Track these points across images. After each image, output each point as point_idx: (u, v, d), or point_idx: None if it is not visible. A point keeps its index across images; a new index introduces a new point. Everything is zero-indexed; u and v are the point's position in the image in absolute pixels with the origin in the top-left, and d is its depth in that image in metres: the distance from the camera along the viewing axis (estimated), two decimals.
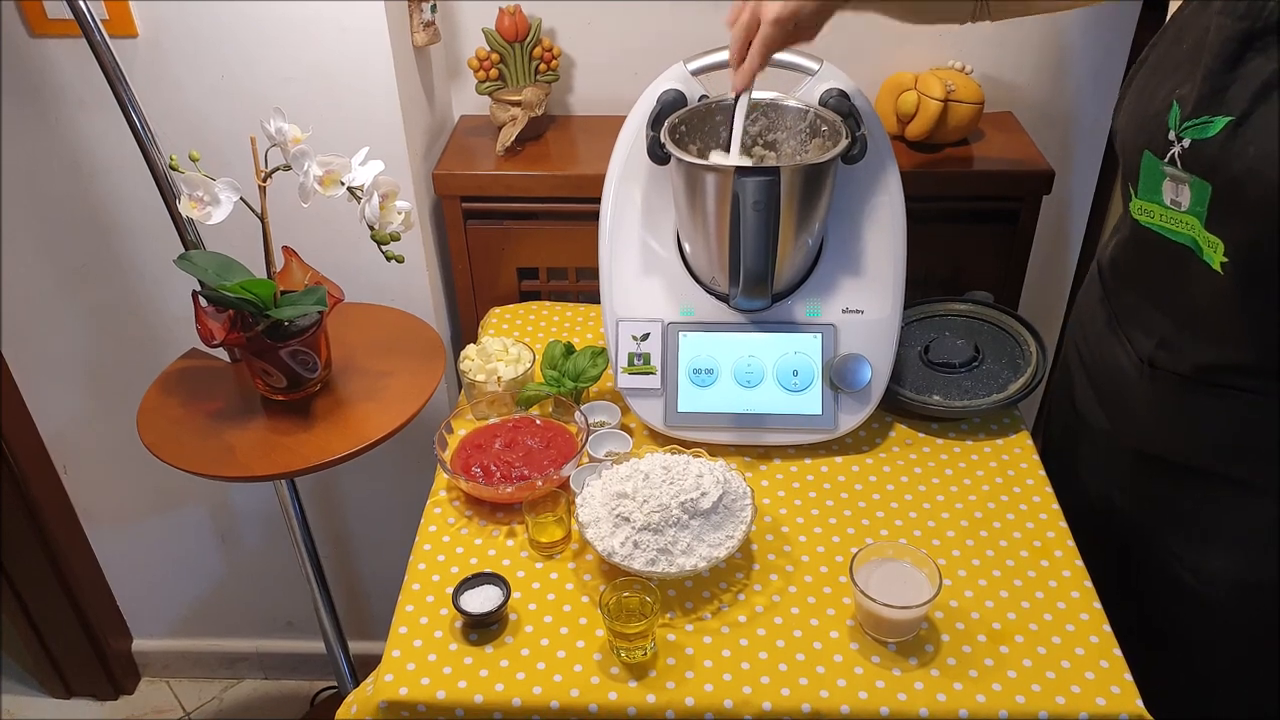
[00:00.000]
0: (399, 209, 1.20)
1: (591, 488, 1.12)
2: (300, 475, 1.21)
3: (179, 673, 2.15)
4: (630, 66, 1.57)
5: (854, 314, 1.25)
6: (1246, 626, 1.11)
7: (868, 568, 1.03)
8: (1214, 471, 1.08)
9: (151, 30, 1.34)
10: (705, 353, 1.25)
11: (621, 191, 1.28)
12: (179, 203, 1.15)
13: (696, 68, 1.26)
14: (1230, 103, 0.90)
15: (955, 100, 1.47)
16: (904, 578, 1.02)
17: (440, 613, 1.06)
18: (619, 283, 1.28)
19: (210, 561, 1.97)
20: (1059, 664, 0.99)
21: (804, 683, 0.98)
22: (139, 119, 1.21)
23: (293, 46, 1.35)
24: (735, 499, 1.10)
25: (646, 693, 0.97)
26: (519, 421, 1.26)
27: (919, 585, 1.01)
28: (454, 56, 1.60)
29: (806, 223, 1.20)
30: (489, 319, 1.55)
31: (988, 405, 1.27)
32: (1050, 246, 1.76)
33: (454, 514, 1.19)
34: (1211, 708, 1.18)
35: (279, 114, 1.14)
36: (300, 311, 1.21)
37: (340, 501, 1.86)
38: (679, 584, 1.08)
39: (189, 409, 1.30)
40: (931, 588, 0.99)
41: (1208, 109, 0.92)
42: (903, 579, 1.02)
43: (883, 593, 0.99)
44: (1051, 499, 1.19)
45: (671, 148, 1.16)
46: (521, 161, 1.52)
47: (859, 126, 1.19)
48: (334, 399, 1.30)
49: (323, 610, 1.60)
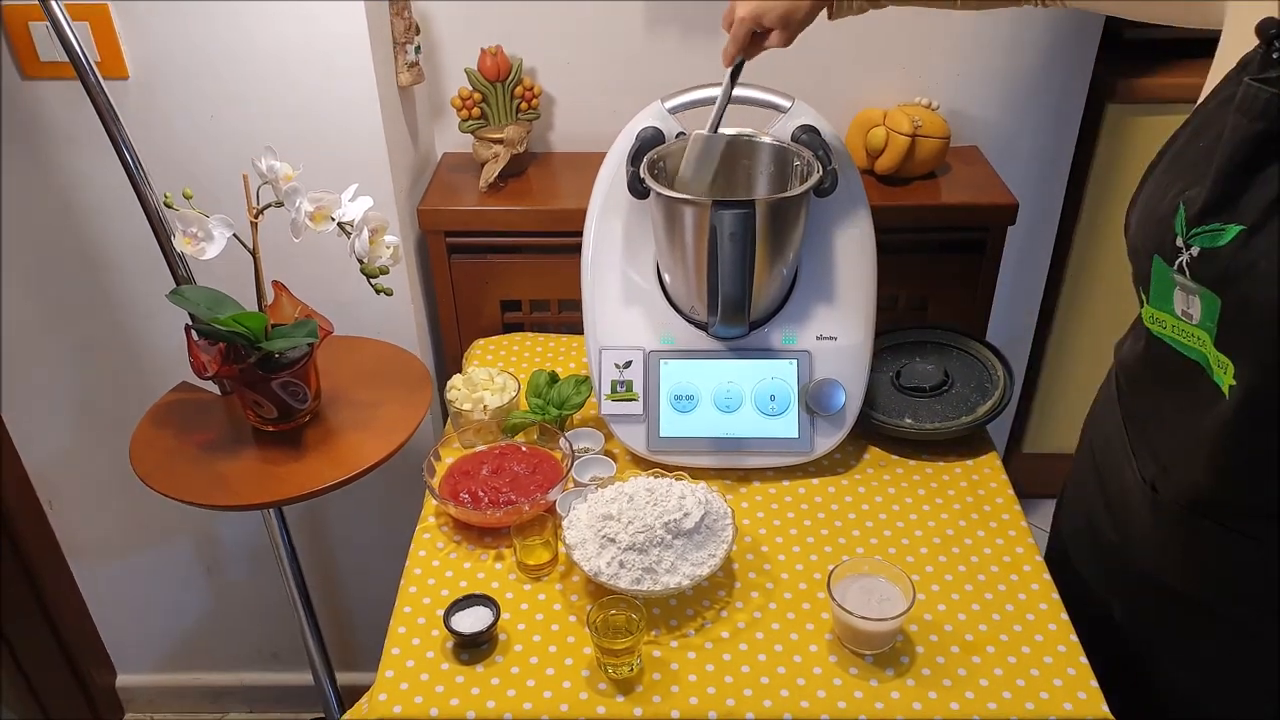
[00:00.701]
0: (388, 243, 1.24)
1: (578, 511, 1.16)
2: (292, 503, 1.24)
3: (163, 708, 2.15)
4: (609, 105, 1.62)
5: (828, 341, 1.30)
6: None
7: (845, 583, 1.06)
8: (1214, 608, 1.01)
9: (142, 72, 1.38)
10: (686, 379, 1.29)
11: (603, 225, 1.32)
12: (174, 239, 1.18)
13: (674, 105, 1.31)
14: (1243, 211, 0.82)
15: (922, 135, 1.53)
16: (880, 592, 1.06)
17: (432, 634, 1.09)
18: (601, 313, 1.32)
19: (195, 595, 1.98)
20: (1028, 672, 1.03)
21: (785, 694, 1.02)
22: (132, 158, 1.24)
23: (281, 87, 1.39)
24: (717, 519, 1.14)
25: (633, 706, 1.01)
26: (505, 449, 1.30)
27: (894, 599, 1.05)
28: (437, 96, 1.64)
29: (781, 253, 1.24)
30: (473, 350, 1.58)
31: (957, 428, 1.32)
32: (1016, 275, 1.82)
33: (443, 539, 1.22)
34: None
35: (271, 152, 1.17)
36: (291, 344, 1.24)
37: (327, 532, 1.88)
38: (663, 602, 1.12)
39: (181, 440, 1.32)
40: (906, 601, 1.03)
41: (1217, 215, 0.83)
42: (878, 593, 1.06)
43: (859, 606, 1.03)
44: (1020, 516, 1.24)
45: (651, 182, 1.21)
46: (504, 197, 1.56)
47: (830, 161, 1.24)
48: (324, 429, 1.32)
49: (310, 640, 1.61)
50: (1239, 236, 0.82)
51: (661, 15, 1.56)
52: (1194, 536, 0.99)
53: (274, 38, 1.35)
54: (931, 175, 1.60)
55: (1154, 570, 1.05)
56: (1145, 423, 1.03)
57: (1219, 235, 0.83)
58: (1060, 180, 1.76)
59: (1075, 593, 1.16)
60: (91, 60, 1.20)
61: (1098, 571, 1.17)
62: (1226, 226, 0.82)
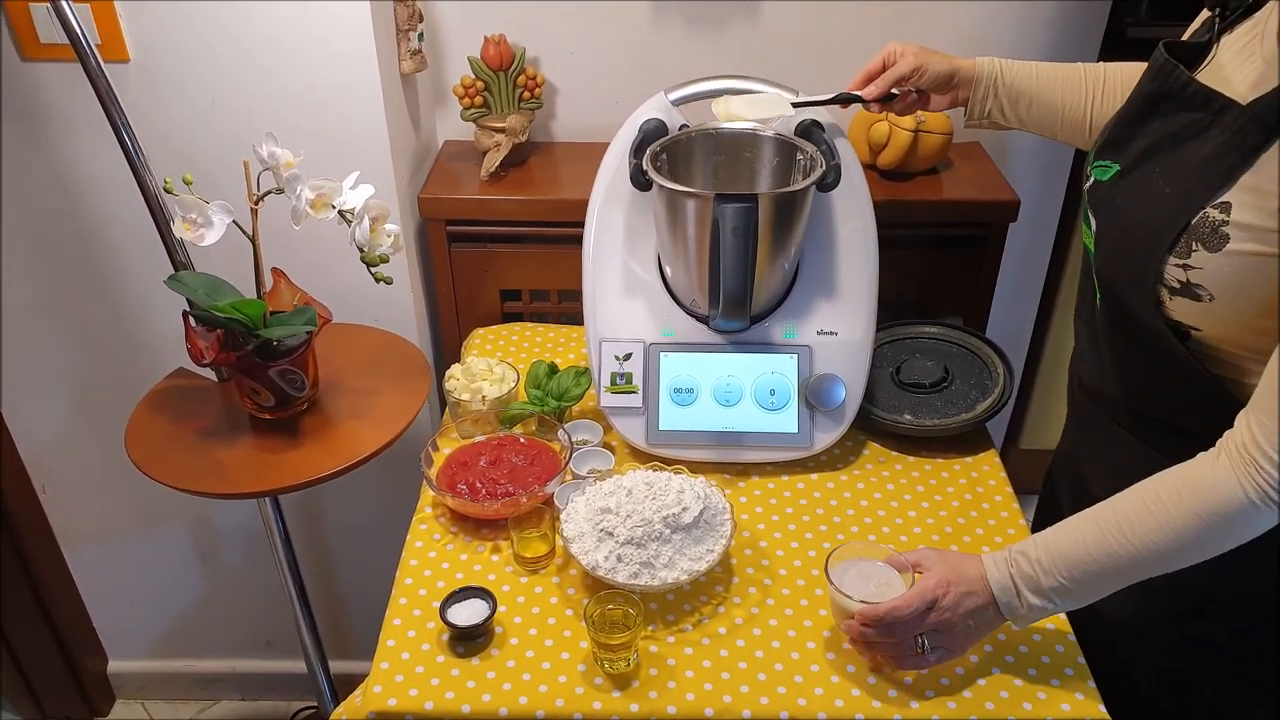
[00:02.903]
0: (388, 232, 1.23)
1: (575, 504, 1.15)
2: (288, 492, 1.23)
3: (155, 694, 2.14)
4: (612, 95, 1.62)
5: (829, 336, 1.30)
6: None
7: (843, 566, 1.06)
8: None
9: (143, 55, 1.37)
10: (686, 372, 1.29)
11: (604, 216, 1.32)
12: (173, 224, 1.17)
13: (677, 98, 1.30)
14: (1126, 154, 0.98)
15: (925, 131, 1.52)
16: (878, 576, 1.05)
17: (427, 626, 1.09)
18: (602, 305, 1.31)
19: (189, 581, 1.97)
20: (1025, 673, 1.03)
21: (782, 691, 1.01)
22: (131, 142, 1.23)
23: (282, 72, 1.38)
24: (715, 514, 1.13)
25: (630, 702, 1.00)
26: (503, 440, 1.29)
27: (893, 583, 1.04)
28: (440, 83, 1.63)
29: (783, 248, 1.24)
30: (472, 340, 1.58)
31: (957, 425, 1.32)
32: (1017, 272, 1.82)
33: (440, 530, 1.21)
34: None
35: (272, 139, 1.16)
36: (290, 331, 1.23)
37: (322, 520, 1.87)
38: (661, 597, 1.12)
39: (177, 427, 1.31)
40: (904, 585, 1.03)
41: (1110, 153, 1.01)
42: (877, 577, 1.05)
43: (857, 591, 1.02)
44: (1019, 514, 1.23)
45: (653, 174, 1.20)
46: (505, 186, 1.55)
47: (833, 156, 1.24)
48: (321, 417, 1.32)
49: (304, 628, 1.61)
50: (1115, 175, 0.99)
51: (666, 6, 1.55)
52: (1114, 446, 1.09)
53: (276, 24, 1.34)
54: (934, 171, 1.60)
55: (1094, 487, 1.13)
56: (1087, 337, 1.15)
57: (1106, 170, 1.01)
58: (1061, 177, 1.75)
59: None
60: (92, 43, 1.19)
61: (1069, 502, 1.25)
62: (1112, 164, 1.00)
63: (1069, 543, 0.93)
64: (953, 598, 0.97)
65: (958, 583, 0.97)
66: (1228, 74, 0.92)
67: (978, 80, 1.21)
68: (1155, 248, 0.91)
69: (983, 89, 1.21)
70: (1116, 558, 0.90)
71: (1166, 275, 0.91)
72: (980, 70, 1.21)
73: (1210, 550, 0.88)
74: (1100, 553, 0.91)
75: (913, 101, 1.24)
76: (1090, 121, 1.19)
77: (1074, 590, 0.93)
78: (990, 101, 1.22)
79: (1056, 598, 0.94)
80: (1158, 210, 0.92)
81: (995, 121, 1.24)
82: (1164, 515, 0.88)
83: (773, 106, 1.27)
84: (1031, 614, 0.96)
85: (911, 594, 0.98)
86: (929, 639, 0.98)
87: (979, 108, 1.22)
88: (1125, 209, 0.97)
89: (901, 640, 0.98)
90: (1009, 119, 1.23)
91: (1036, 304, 1.92)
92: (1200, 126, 0.91)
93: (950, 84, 1.21)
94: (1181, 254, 0.89)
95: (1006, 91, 1.21)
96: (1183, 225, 0.89)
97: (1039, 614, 0.96)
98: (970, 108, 1.23)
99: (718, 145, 1.32)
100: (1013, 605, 0.96)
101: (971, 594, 0.97)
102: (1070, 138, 1.23)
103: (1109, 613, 1.03)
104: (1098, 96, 1.18)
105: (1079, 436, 1.20)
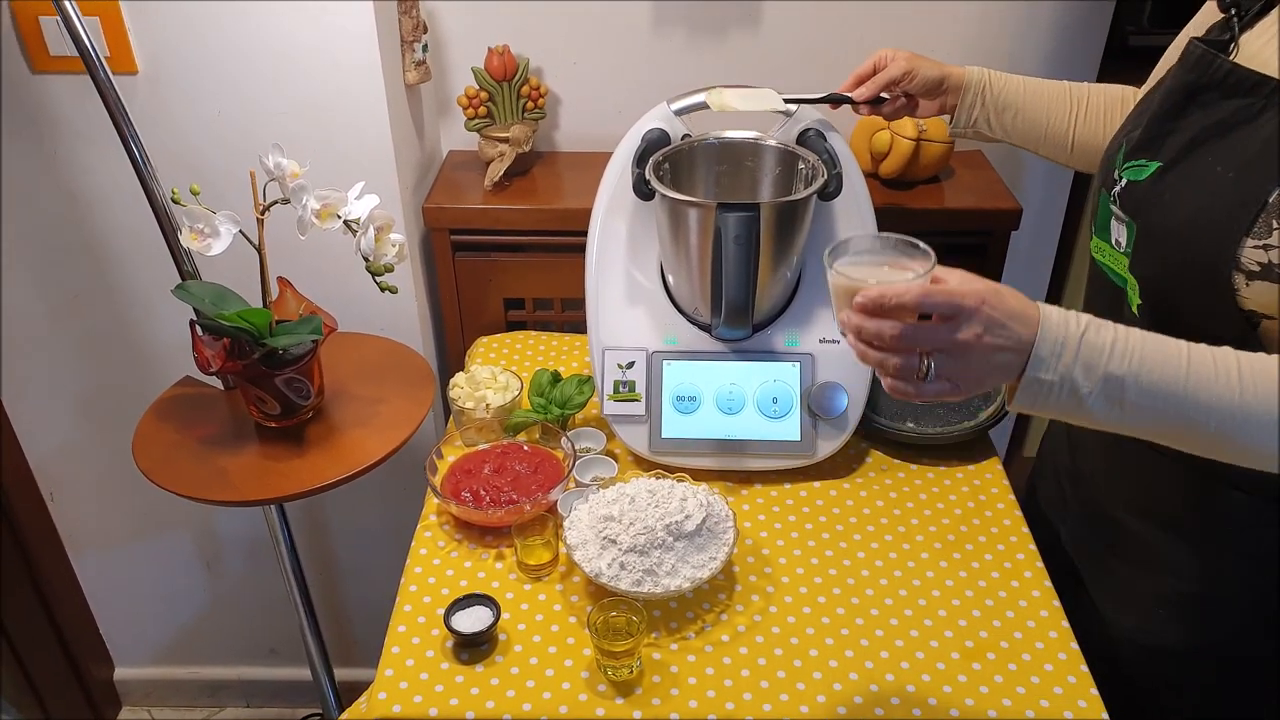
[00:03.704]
0: (393, 241, 1.24)
1: (579, 511, 1.16)
2: (293, 500, 1.24)
3: (160, 701, 2.15)
4: (615, 105, 1.63)
5: (831, 344, 1.30)
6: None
7: (846, 260, 0.88)
8: (1125, 521, 1.10)
9: (150, 67, 1.38)
10: (688, 381, 1.29)
11: (607, 225, 1.33)
12: (180, 234, 1.18)
13: (679, 108, 1.31)
14: (1165, 150, 0.95)
15: (927, 139, 1.53)
16: (895, 267, 0.87)
17: (432, 633, 1.09)
18: (605, 313, 1.32)
19: (194, 589, 1.98)
20: (1029, 679, 1.03)
21: (784, 699, 1.02)
22: (140, 153, 1.24)
23: (287, 83, 1.39)
24: (718, 522, 1.14)
25: (633, 709, 1.01)
26: (507, 447, 1.30)
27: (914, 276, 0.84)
28: (444, 94, 1.65)
29: (785, 256, 1.25)
30: (476, 348, 1.58)
31: (959, 432, 1.32)
32: (1019, 280, 1.82)
33: (444, 537, 1.22)
34: None
35: (278, 149, 1.17)
36: (295, 340, 1.24)
37: (327, 528, 1.88)
38: (664, 604, 1.12)
39: (183, 435, 1.32)
40: (928, 263, 0.83)
41: (1144, 152, 0.97)
42: (892, 267, 0.87)
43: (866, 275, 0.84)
44: (1021, 522, 1.24)
45: (656, 184, 1.21)
46: (509, 196, 1.56)
47: (835, 164, 1.25)
48: (326, 425, 1.33)
49: (309, 636, 1.62)
50: (1156, 172, 0.95)
51: (668, 17, 1.56)
52: (1115, 451, 1.08)
53: (282, 35, 1.35)
54: (935, 179, 1.60)
55: (1091, 490, 1.14)
56: None
57: (1142, 170, 0.96)
58: (1064, 186, 1.76)
59: (1038, 520, 1.26)
60: (101, 55, 1.20)
61: (1051, 494, 1.26)
62: (1149, 163, 0.96)
63: (1158, 346, 0.81)
64: (984, 319, 0.80)
65: (996, 306, 0.80)
66: (1264, 61, 0.90)
67: (966, 88, 1.22)
68: (1230, 232, 0.87)
69: (970, 97, 1.23)
70: (1198, 391, 0.79)
71: (1243, 259, 0.86)
72: (969, 79, 1.22)
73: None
74: (1187, 376, 0.80)
75: (901, 106, 1.26)
76: (1073, 138, 1.20)
77: (1126, 396, 0.80)
78: (977, 110, 1.23)
79: (1100, 390, 0.80)
80: (1221, 196, 0.88)
81: (980, 131, 1.26)
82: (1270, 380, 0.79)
83: (764, 100, 1.29)
84: (1057, 387, 0.81)
85: (939, 290, 0.81)
86: (936, 363, 0.81)
87: (965, 115, 1.24)
88: (1177, 202, 0.92)
89: (905, 351, 0.82)
90: (994, 129, 1.24)
91: None
92: (1252, 111, 0.89)
93: (939, 89, 1.23)
94: (1260, 234, 0.85)
95: (994, 102, 1.22)
96: (1260, 205, 0.85)
97: (1060, 395, 0.81)
98: (956, 116, 1.25)
99: (720, 155, 1.32)
100: (1048, 362, 0.80)
101: (1007, 326, 0.80)
102: (1051, 153, 1.24)
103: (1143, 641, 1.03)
104: (1081, 114, 1.20)
105: (1089, 459, 1.18)
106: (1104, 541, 1.14)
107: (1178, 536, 1.05)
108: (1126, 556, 1.11)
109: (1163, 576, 1.06)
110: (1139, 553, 1.09)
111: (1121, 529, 1.10)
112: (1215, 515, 1.01)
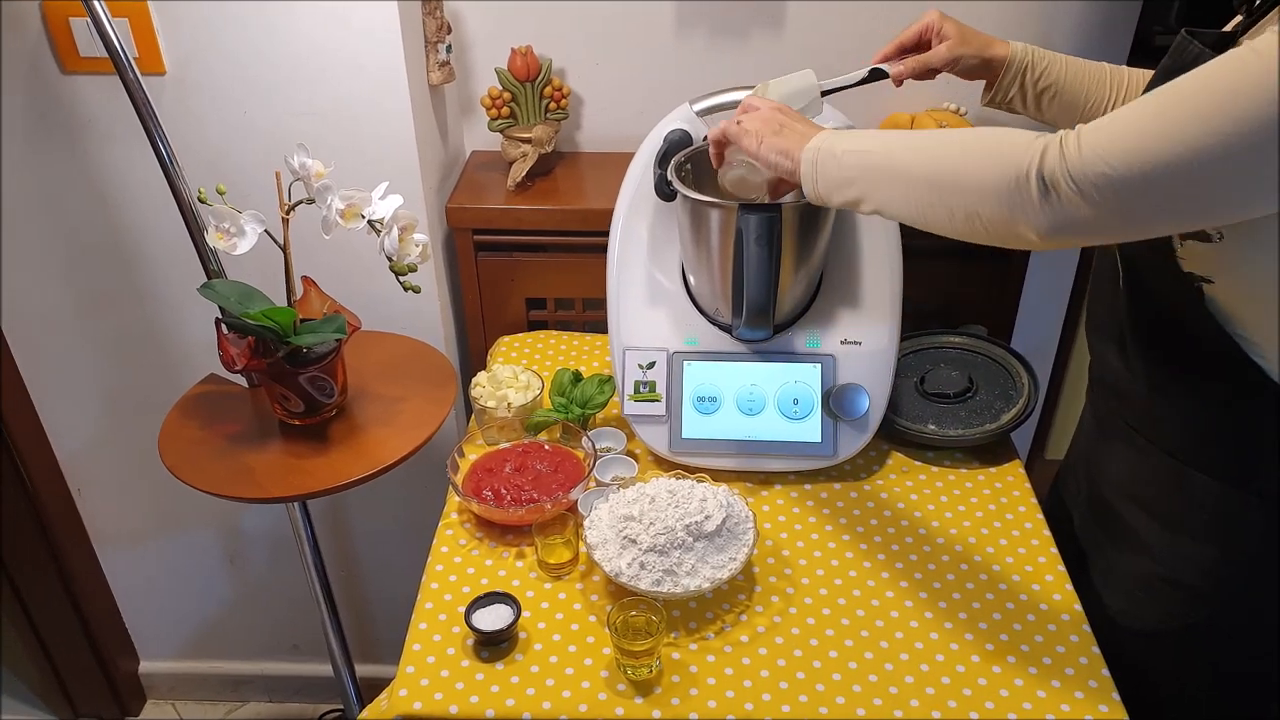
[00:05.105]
0: (416, 241, 1.25)
1: (599, 510, 1.16)
2: (316, 497, 1.25)
3: (184, 695, 2.17)
4: (637, 106, 1.63)
5: (852, 345, 1.30)
6: None
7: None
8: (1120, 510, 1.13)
9: (178, 68, 1.40)
10: (709, 381, 1.30)
11: (629, 226, 1.33)
12: (206, 234, 1.19)
13: (702, 109, 1.31)
14: None
15: None
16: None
17: (453, 630, 1.10)
18: (626, 313, 1.32)
19: (218, 584, 2.00)
20: (1049, 684, 1.03)
21: (803, 700, 1.02)
22: (167, 153, 1.26)
23: (312, 85, 1.41)
24: (738, 522, 1.14)
25: (652, 709, 1.01)
26: (528, 446, 1.30)
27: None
28: (467, 94, 1.65)
29: (807, 257, 1.24)
30: (498, 347, 1.59)
31: (981, 435, 1.32)
32: (1042, 281, 1.81)
33: (465, 535, 1.23)
34: None
35: (303, 150, 1.19)
36: (320, 339, 1.25)
37: (349, 525, 1.90)
38: (683, 604, 1.12)
39: (208, 432, 1.34)
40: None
41: None
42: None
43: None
44: (1042, 525, 1.23)
45: (678, 185, 1.21)
46: (531, 196, 1.57)
47: None
48: (349, 424, 1.34)
49: (331, 632, 1.63)
50: None
51: (690, 17, 1.56)
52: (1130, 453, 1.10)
53: (308, 36, 1.37)
54: None
55: (1092, 474, 1.18)
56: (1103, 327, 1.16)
57: None
58: None
59: (1059, 512, 1.29)
60: (130, 56, 1.21)
61: (1069, 484, 1.28)
62: None
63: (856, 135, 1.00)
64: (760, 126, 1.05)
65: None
66: None
67: (1007, 69, 1.22)
68: None
69: (1010, 77, 1.22)
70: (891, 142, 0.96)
71: None
72: (1012, 59, 1.21)
73: (963, 189, 0.89)
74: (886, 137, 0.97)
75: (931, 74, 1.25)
76: None
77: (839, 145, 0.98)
78: (1014, 90, 1.22)
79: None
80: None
81: (1012, 108, 1.25)
82: (956, 135, 0.93)
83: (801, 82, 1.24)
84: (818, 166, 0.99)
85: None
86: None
87: (1001, 95, 1.23)
88: None
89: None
90: (1027, 108, 1.24)
91: (1063, 314, 1.91)
92: None
93: (981, 74, 1.22)
94: None
95: (1033, 83, 1.22)
96: None
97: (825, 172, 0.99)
98: (993, 93, 1.23)
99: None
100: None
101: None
102: None
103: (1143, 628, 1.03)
104: (1119, 98, 1.19)
105: (1093, 447, 1.20)
106: (1100, 526, 1.17)
107: (1153, 520, 1.07)
108: (1116, 540, 1.14)
109: (1142, 559, 1.09)
110: (1126, 536, 1.12)
111: (1113, 513, 1.13)
112: (1190, 502, 1.03)
